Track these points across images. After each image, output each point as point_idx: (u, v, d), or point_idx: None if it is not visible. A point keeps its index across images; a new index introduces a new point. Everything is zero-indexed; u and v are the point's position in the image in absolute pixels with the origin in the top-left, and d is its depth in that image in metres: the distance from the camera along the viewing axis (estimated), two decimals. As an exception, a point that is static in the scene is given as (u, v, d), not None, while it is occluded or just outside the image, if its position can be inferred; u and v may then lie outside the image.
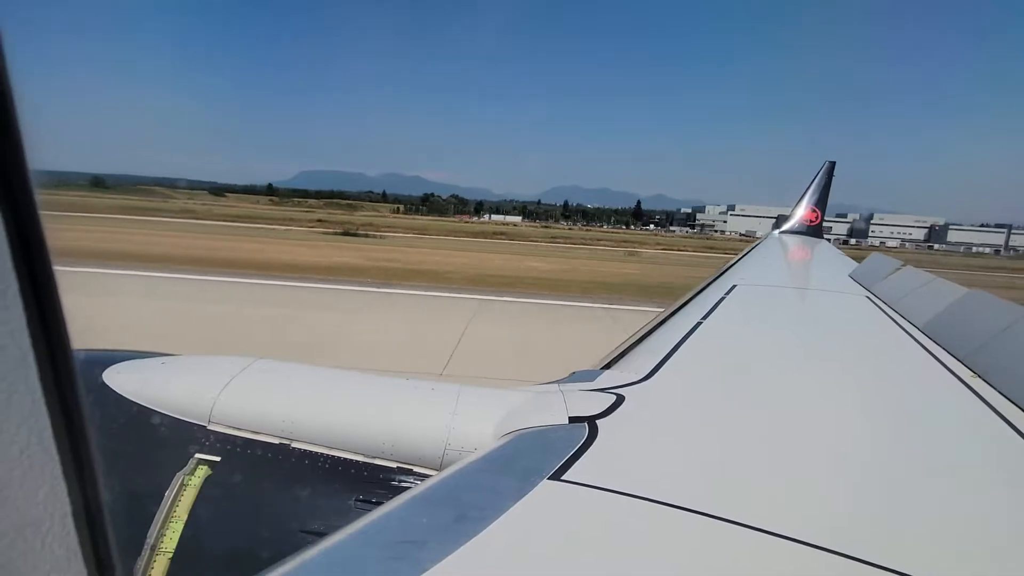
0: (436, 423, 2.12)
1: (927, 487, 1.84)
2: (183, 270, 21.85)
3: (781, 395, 2.64)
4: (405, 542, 1.32)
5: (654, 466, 1.82)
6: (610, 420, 2.03)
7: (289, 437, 2.07)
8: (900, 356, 3.47)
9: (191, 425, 2.06)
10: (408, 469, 2.06)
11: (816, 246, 11.02)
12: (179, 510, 1.91)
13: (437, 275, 26.96)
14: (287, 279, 21.62)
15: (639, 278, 32.07)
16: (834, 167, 14.00)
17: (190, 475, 1.98)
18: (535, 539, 1.37)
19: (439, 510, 1.48)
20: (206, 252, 29.44)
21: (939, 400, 2.70)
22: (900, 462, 2.01)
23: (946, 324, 3.69)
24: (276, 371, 2.37)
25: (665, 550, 1.37)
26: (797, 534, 1.41)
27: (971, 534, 1.59)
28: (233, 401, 2.11)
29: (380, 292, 20.47)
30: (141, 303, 15.24)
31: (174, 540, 1.86)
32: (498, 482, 1.63)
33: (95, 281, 16.32)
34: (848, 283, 6.13)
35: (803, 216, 13.39)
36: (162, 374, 2.24)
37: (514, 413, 2.12)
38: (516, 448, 1.86)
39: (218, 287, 19.49)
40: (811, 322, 4.67)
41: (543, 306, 19.81)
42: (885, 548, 1.40)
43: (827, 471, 1.88)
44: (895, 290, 5.06)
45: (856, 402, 2.63)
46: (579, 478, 1.60)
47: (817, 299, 5.71)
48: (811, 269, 8.71)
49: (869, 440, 2.18)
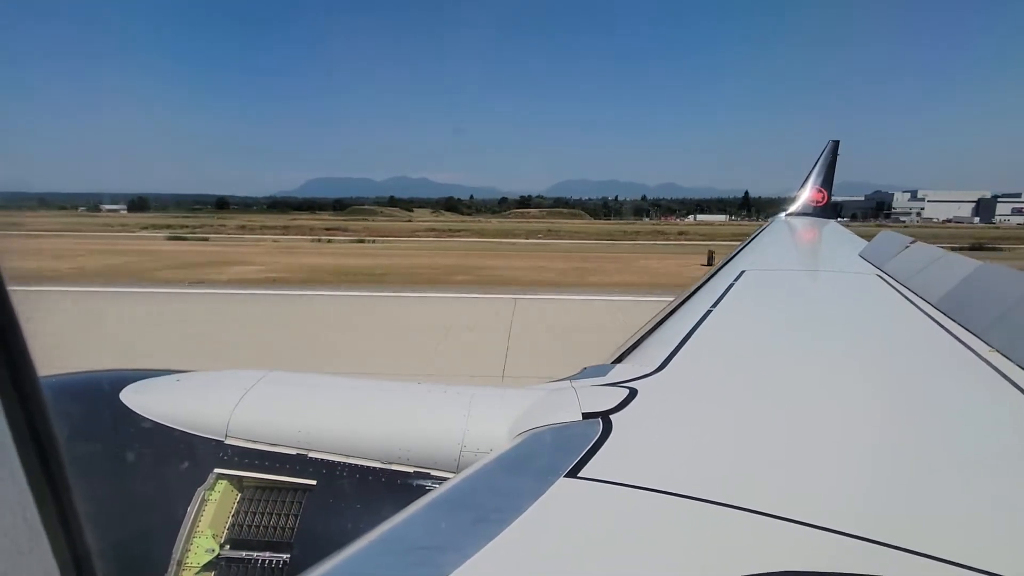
0: (451, 426, 2.13)
1: (950, 467, 1.82)
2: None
3: (795, 381, 2.62)
4: (425, 548, 1.33)
5: (670, 459, 1.82)
6: (624, 414, 2.02)
7: (306, 447, 2.09)
8: (914, 334, 3.43)
9: (208, 440, 2.08)
10: (425, 473, 2.07)
11: (824, 227, 10.93)
12: (202, 524, 1.93)
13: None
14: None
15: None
16: (838, 146, 13.86)
17: (210, 490, 2.00)
18: (554, 538, 1.37)
19: (457, 513, 1.48)
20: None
21: (957, 377, 2.66)
22: (921, 443, 1.99)
23: (960, 299, 3.64)
24: (288, 382, 2.39)
25: (685, 543, 1.36)
26: (819, 521, 1.40)
27: (997, 511, 1.57)
28: (248, 415, 2.13)
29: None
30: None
31: (199, 555, 1.88)
32: (515, 482, 1.63)
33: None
34: (858, 263, 6.07)
35: (809, 197, 13.27)
36: (178, 391, 2.27)
37: (528, 412, 2.13)
38: (531, 447, 1.87)
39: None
40: (822, 305, 4.63)
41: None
42: (910, 531, 1.39)
43: (847, 457, 1.87)
44: (906, 267, 5.01)
45: (872, 385, 2.60)
46: (595, 474, 1.60)
47: (827, 281, 5.66)
48: (820, 250, 8.64)
49: (887, 423, 2.16)
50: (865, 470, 1.78)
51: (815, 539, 1.35)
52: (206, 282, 24.23)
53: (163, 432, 2.09)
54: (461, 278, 27.10)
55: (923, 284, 4.32)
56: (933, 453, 1.92)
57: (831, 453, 1.89)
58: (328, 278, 26.23)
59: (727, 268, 5.50)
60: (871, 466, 1.81)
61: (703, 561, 1.27)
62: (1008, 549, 1.37)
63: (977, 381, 2.54)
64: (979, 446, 1.97)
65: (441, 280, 26.15)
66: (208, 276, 26.27)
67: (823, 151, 13.89)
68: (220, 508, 1.99)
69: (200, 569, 1.87)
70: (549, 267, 32.73)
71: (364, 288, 22.82)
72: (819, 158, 13.75)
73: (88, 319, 15.72)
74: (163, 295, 20.57)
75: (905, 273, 4.85)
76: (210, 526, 1.94)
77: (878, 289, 4.73)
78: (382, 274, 28.04)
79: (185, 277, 25.53)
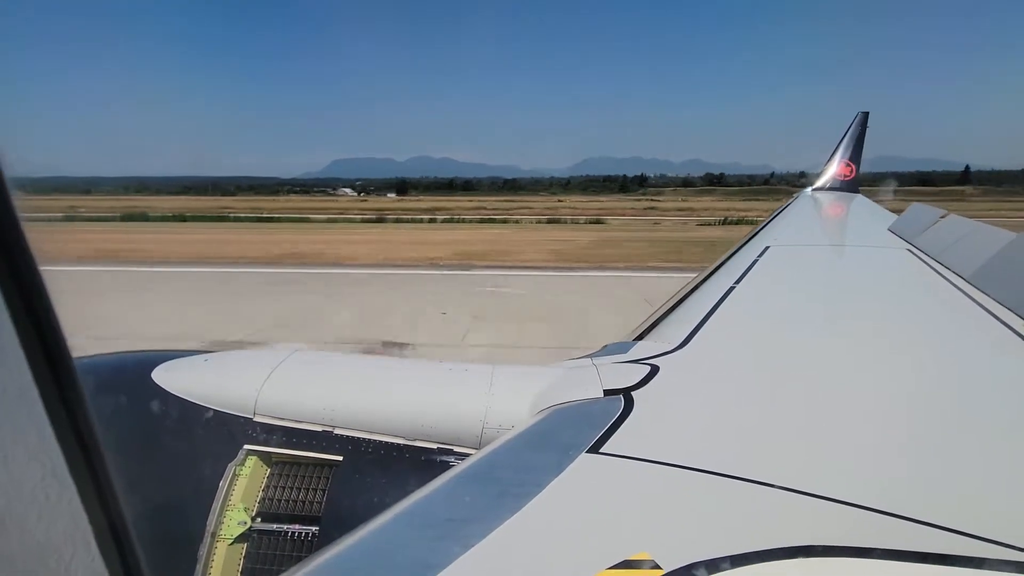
0: (473, 403, 2.15)
1: (982, 443, 1.78)
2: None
3: (820, 357, 2.58)
4: (449, 520, 1.35)
5: (691, 435, 1.81)
6: (645, 391, 2.02)
7: (332, 424, 2.13)
8: (947, 310, 3.34)
9: (238, 418, 2.14)
10: (448, 449, 2.10)
11: (851, 201, 10.64)
12: (234, 498, 2.00)
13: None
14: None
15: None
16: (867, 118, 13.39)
17: (241, 465, 2.06)
18: (576, 512, 1.38)
19: (481, 488, 1.50)
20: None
21: (990, 353, 2.59)
22: (952, 420, 1.95)
23: (994, 272, 3.53)
24: (314, 361, 2.43)
25: (706, 518, 1.37)
26: (841, 496, 1.39)
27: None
28: (275, 393, 2.18)
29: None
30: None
31: (232, 527, 1.95)
32: (537, 458, 1.64)
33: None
34: (888, 237, 5.91)
35: (836, 171, 12.90)
36: (207, 370, 2.33)
37: (549, 389, 2.13)
38: (553, 423, 1.87)
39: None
40: (849, 280, 4.53)
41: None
42: (934, 506, 1.37)
43: (871, 433, 1.84)
44: (938, 241, 4.86)
45: (900, 362, 2.54)
46: (617, 450, 1.60)
47: (854, 256, 5.53)
48: (847, 225, 8.42)
49: (915, 400, 2.11)
50: (890, 446, 1.75)
51: (837, 514, 1.34)
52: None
53: (194, 410, 2.15)
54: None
55: (956, 258, 4.19)
56: (965, 430, 1.87)
57: (854, 430, 1.86)
58: (589, 257, 23.54)
59: (751, 244, 5.40)
60: (896, 442, 1.78)
61: (725, 536, 1.27)
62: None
63: (1013, 356, 2.47)
64: (1014, 422, 1.92)
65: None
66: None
67: (851, 123, 13.43)
68: (251, 483, 2.05)
69: (233, 540, 1.93)
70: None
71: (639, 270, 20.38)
72: (847, 131, 13.31)
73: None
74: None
75: (937, 247, 4.71)
76: (242, 500, 2.00)
77: (908, 264, 4.60)
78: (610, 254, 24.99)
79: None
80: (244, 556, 1.95)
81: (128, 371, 2.37)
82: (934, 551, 1.21)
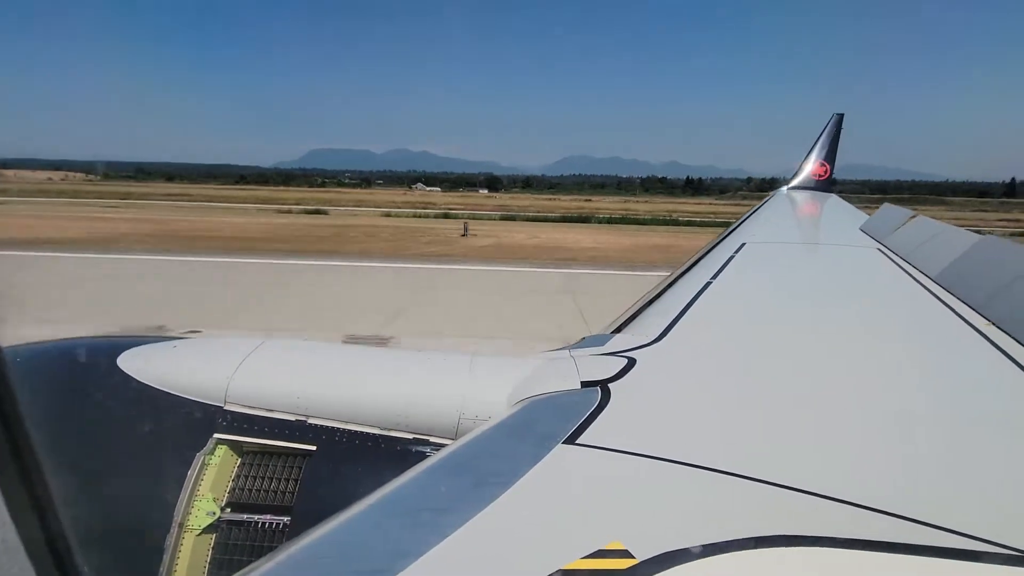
0: (450, 393, 2.13)
1: (946, 439, 1.84)
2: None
3: (792, 352, 2.63)
4: (426, 509, 1.34)
5: (667, 426, 1.83)
6: (622, 383, 2.03)
7: (305, 413, 2.10)
8: (913, 308, 3.43)
9: (208, 406, 2.09)
10: (424, 440, 2.09)
11: (826, 201, 10.86)
12: (203, 488, 1.95)
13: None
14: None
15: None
16: (842, 119, 13.65)
17: (210, 455, 2.02)
18: (552, 502, 1.38)
19: (457, 477, 1.50)
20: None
21: (953, 351, 2.67)
22: (917, 416, 2.01)
23: (959, 273, 3.64)
24: (287, 349, 2.38)
25: (681, 508, 1.38)
26: (811, 487, 1.41)
27: (991, 480, 1.59)
28: (247, 381, 2.13)
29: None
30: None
31: (200, 517, 1.90)
32: (514, 448, 1.64)
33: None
34: (859, 236, 6.05)
35: (811, 171, 13.13)
36: (176, 357, 2.26)
37: (527, 380, 2.13)
38: (530, 414, 1.87)
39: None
40: (822, 278, 4.63)
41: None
42: (899, 498, 1.40)
43: (841, 426, 1.88)
44: (907, 241, 4.99)
45: (869, 358, 2.61)
46: (593, 441, 1.61)
47: (828, 254, 5.65)
48: (821, 224, 8.60)
49: (884, 395, 2.17)
50: (858, 440, 1.80)
51: (807, 504, 1.36)
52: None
53: (162, 397, 2.09)
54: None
55: (923, 258, 4.31)
56: (929, 425, 1.93)
57: (824, 422, 1.90)
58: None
59: (727, 241, 5.48)
60: (864, 436, 1.82)
61: (699, 526, 1.29)
62: (1003, 517, 1.39)
63: (974, 355, 2.55)
64: (975, 419, 1.98)
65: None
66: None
67: (827, 124, 13.68)
68: (220, 472, 2.00)
69: (201, 531, 1.89)
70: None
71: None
72: (822, 132, 13.55)
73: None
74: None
75: (906, 247, 4.84)
76: (211, 490, 1.96)
77: (878, 263, 4.72)
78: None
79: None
80: (212, 547, 1.91)
81: (93, 357, 2.29)
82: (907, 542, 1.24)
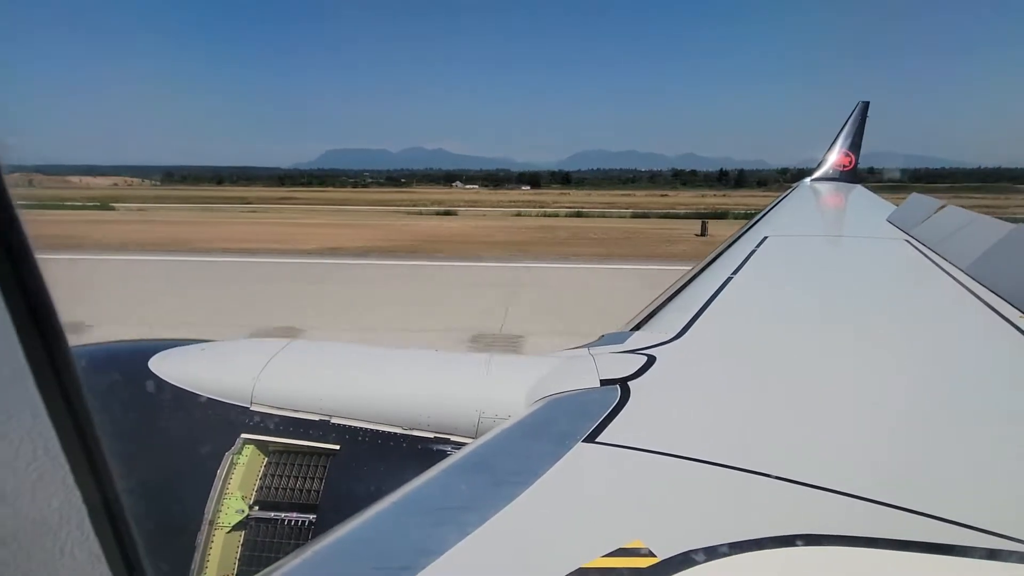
0: (469, 392, 2.15)
1: (977, 432, 1.79)
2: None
3: (816, 348, 2.58)
4: (447, 508, 1.36)
5: (687, 424, 1.82)
6: (642, 381, 2.02)
7: (329, 413, 2.14)
8: (943, 301, 3.35)
9: (235, 407, 2.14)
10: (445, 438, 2.11)
11: (851, 192, 10.62)
12: (231, 487, 2.00)
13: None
14: None
15: None
16: (867, 108, 13.30)
17: (238, 454, 2.07)
18: (573, 500, 1.39)
19: (477, 476, 1.51)
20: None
21: (986, 344, 2.60)
22: (948, 412, 1.96)
23: (991, 264, 3.53)
24: (311, 350, 2.43)
25: (701, 507, 1.37)
26: (835, 486, 1.39)
27: None
28: (272, 382, 2.18)
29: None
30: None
31: (230, 515, 1.96)
32: (533, 447, 1.65)
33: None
34: (886, 228, 5.91)
35: (836, 161, 12.84)
36: (204, 359, 2.33)
37: (546, 379, 2.14)
38: (549, 413, 1.88)
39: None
40: (847, 271, 4.53)
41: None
42: (929, 496, 1.38)
43: (868, 423, 1.85)
44: (936, 232, 4.86)
45: (897, 353, 2.55)
46: (613, 439, 1.61)
47: (853, 246, 5.53)
48: (846, 215, 8.42)
49: (912, 389, 2.12)
50: (884, 437, 1.76)
51: (831, 503, 1.34)
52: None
53: (191, 399, 2.15)
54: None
55: (953, 249, 4.19)
56: (960, 422, 1.89)
57: (849, 420, 1.87)
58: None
59: (749, 234, 5.40)
60: (890, 433, 1.79)
61: (719, 524, 1.28)
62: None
63: (1008, 349, 2.48)
64: (1009, 415, 1.93)
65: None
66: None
67: (851, 113, 13.34)
68: (248, 471, 2.05)
69: (231, 528, 1.94)
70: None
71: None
72: (846, 122, 13.20)
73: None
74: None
75: (935, 238, 4.71)
76: (239, 488, 2.01)
77: (906, 255, 4.61)
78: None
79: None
80: (242, 544, 1.96)
81: (125, 360, 2.36)
82: (930, 541, 1.22)
